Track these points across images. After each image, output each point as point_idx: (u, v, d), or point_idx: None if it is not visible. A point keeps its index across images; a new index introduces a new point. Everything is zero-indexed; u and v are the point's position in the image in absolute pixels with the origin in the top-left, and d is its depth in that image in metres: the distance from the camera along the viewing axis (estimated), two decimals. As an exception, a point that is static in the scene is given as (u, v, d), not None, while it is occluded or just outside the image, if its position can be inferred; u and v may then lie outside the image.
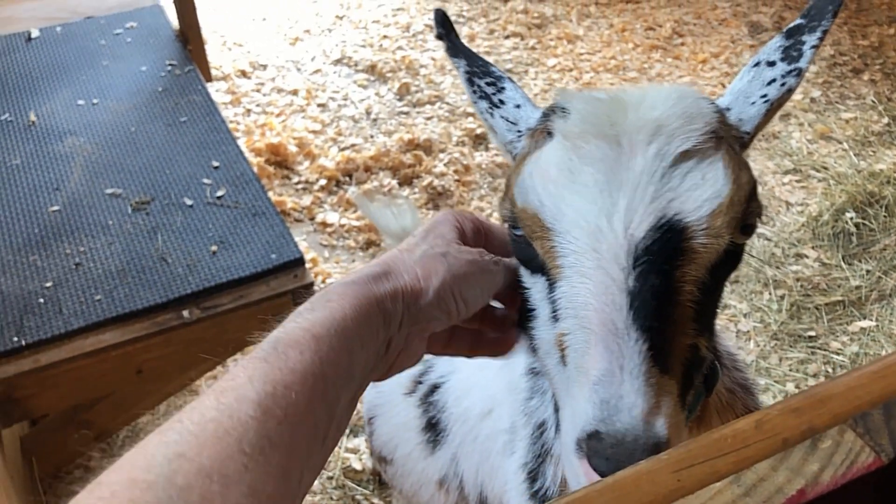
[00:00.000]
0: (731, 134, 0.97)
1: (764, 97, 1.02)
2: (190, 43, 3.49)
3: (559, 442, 1.23)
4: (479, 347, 1.04)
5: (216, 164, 2.75)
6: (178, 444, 0.61)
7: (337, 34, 5.22)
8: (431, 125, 4.35)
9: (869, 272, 3.35)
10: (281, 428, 0.66)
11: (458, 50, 1.19)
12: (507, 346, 1.05)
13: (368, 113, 4.47)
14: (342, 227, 3.72)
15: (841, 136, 4.21)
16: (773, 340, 3.14)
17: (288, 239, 2.46)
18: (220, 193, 2.62)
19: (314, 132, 4.29)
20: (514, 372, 1.42)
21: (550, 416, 1.26)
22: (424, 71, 4.81)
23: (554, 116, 0.97)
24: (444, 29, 1.20)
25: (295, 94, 4.61)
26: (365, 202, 2.91)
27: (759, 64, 1.05)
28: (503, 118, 1.11)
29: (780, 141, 4.20)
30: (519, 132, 1.08)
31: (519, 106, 1.12)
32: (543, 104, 1.10)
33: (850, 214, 3.58)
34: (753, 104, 1.02)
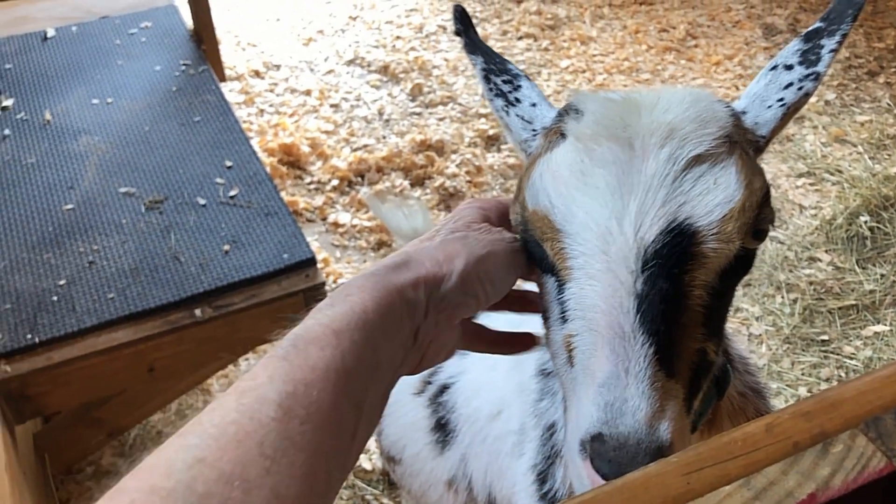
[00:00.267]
0: (745, 138, 0.97)
1: (780, 101, 1.01)
2: (204, 43, 3.51)
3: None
4: (497, 343, 1.02)
5: (229, 163, 2.76)
6: (197, 448, 0.60)
7: (350, 35, 5.24)
8: (444, 126, 4.35)
9: (883, 276, 3.33)
10: (304, 428, 0.64)
11: (475, 46, 1.18)
12: (526, 342, 1.04)
13: (381, 113, 4.48)
14: (354, 227, 3.73)
15: (856, 139, 4.18)
16: (785, 344, 3.12)
17: (300, 239, 2.47)
18: (232, 193, 2.64)
19: (327, 132, 4.30)
20: (524, 373, 1.42)
21: (561, 417, 1.26)
22: (437, 72, 4.81)
23: (567, 117, 0.97)
24: (462, 25, 1.19)
25: (308, 94, 4.63)
26: (376, 203, 2.91)
27: (776, 67, 1.03)
28: (518, 116, 1.10)
29: (794, 144, 4.18)
30: (534, 131, 1.08)
31: (535, 104, 1.11)
32: (556, 106, 1.09)
33: (864, 218, 3.55)
34: (770, 108, 1.01)
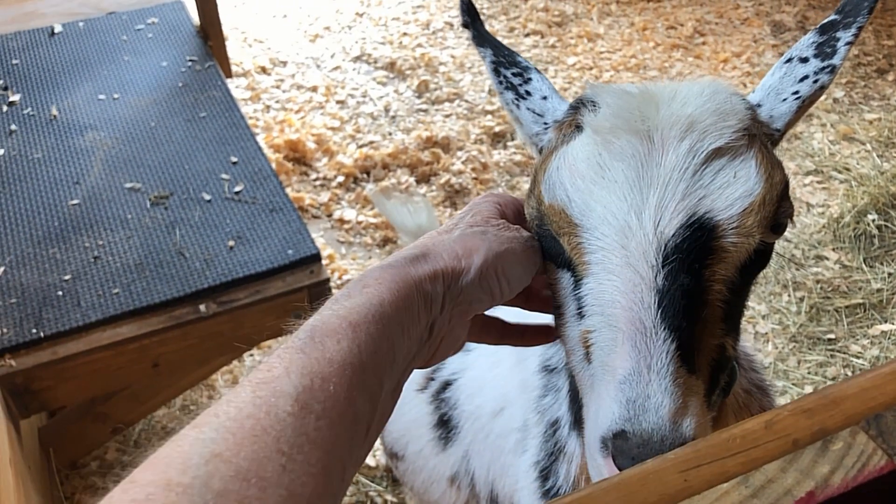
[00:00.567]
0: (762, 131, 0.96)
1: (796, 94, 1.00)
2: (210, 39, 3.51)
3: (572, 440, 1.22)
4: (506, 335, 1.02)
5: (235, 159, 2.76)
6: (214, 442, 0.60)
7: (357, 31, 5.23)
8: (450, 123, 4.34)
9: (890, 275, 3.31)
10: (320, 423, 0.64)
11: (484, 39, 1.17)
12: (540, 336, 1.04)
13: (387, 110, 4.47)
14: (359, 223, 3.73)
15: (864, 137, 4.16)
16: (791, 343, 3.11)
17: (305, 235, 2.47)
18: (238, 189, 2.64)
19: (333, 129, 4.30)
20: (527, 370, 1.41)
21: (564, 414, 1.25)
22: (443, 68, 4.81)
23: (583, 109, 0.95)
24: (470, 17, 1.18)
25: (314, 90, 4.63)
26: (381, 199, 2.91)
27: (791, 60, 1.03)
28: (529, 109, 1.09)
29: (801, 142, 4.16)
30: (545, 124, 1.07)
31: (546, 97, 1.10)
32: (564, 102, 1.09)
33: (871, 216, 3.53)
34: (785, 101, 1.00)
